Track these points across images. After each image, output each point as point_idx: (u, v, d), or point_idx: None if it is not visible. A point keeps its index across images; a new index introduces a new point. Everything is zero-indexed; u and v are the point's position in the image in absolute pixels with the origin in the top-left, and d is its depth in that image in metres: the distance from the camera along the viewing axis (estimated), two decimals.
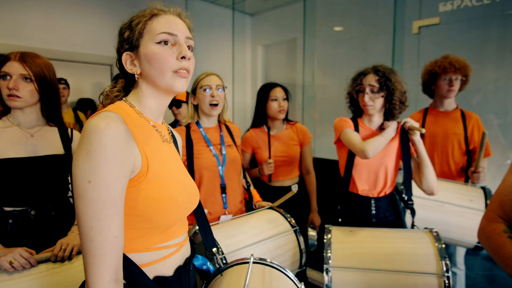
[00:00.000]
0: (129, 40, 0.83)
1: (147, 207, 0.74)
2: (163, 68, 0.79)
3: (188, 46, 0.84)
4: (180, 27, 0.83)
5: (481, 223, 0.95)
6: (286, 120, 2.19)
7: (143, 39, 0.81)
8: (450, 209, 1.69)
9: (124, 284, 0.74)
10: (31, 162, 1.28)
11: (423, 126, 2.11)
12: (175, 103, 2.52)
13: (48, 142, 1.35)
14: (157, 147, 0.82)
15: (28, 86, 1.26)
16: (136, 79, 0.84)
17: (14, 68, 1.24)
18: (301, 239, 1.47)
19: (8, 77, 1.24)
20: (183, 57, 0.81)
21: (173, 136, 0.99)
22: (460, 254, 2.06)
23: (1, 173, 1.22)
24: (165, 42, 0.80)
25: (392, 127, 1.56)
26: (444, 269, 1.21)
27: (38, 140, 1.32)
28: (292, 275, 1.05)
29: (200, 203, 1.06)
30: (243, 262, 1.05)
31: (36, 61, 1.28)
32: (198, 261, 0.97)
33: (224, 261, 1.22)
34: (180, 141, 1.06)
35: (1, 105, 1.31)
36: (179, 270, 0.83)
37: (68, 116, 2.94)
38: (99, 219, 0.66)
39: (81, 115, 3.08)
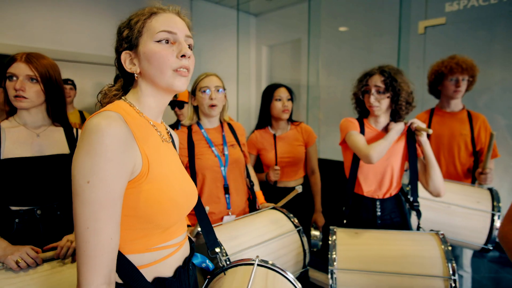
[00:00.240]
0: (128, 39, 0.82)
1: (148, 207, 0.74)
2: (163, 67, 0.78)
3: (187, 45, 0.83)
4: (179, 25, 0.82)
5: (501, 223, 0.96)
6: (291, 120, 2.19)
7: (142, 38, 0.80)
8: (457, 211, 1.67)
9: (121, 284, 0.74)
10: (37, 161, 1.29)
11: (429, 126, 2.09)
12: (178, 104, 2.52)
13: (53, 142, 1.36)
14: (156, 147, 0.82)
15: (34, 86, 1.27)
16: (136, 78, 0.83)
17: (20, 69, 1.25)
18: (305, 239, 1.46)
19: (15, 78, 1.25)
20: (183, 56, 0.80)
21: (170, 135, 0.98)
22: (467, 256, 2.04)
23: (8, 172, 1.23)
24: (165, 41, 0.79)
25: (395, 130, 1.55)
26: (451, 272, 1.20)
27: (44, 140, 1.34)
28: (296, 282, 1.04)
29: (201, 202, 1.06)
30: (247, 263, 1.05)
31: (42, 62, 1.29)
32: (197, 259, 0.97)
33: (228, 262, 1.22)
34: (178, 141, 1.06)
35: (8, 106, 1.32)
36: (178, 270, 0.83)
37: (74, 116, 2.96)
38: (96, 220, 0.65)
39: (87, 115, 3.10)
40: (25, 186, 1.26)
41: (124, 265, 0.74)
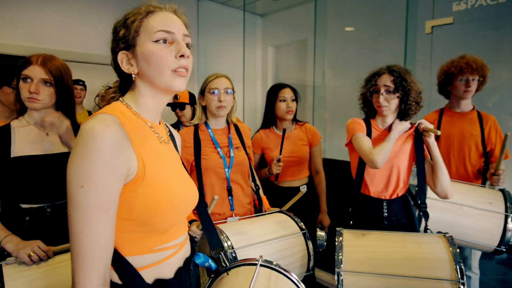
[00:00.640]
0: (124, 39, 0.80)
1: (145, 211, 0.73)
2: (161, 68, 0.77)
3: (185, 44, 0.81)
4: (177, 24, 0.81)
5: None
6: (295, 120, 2.19)
7: (139, 38, 0.78)
8: (469, 212, 1.65)
9: (120, 285, 0.74)
10: (47, 159, 1.32)
11: (438, 127, 2.08)
12: (179, 105, 2.53)
13: None
14: (154, 148, 0.81)
15: (48, 90, 1.30)
16: (133, 79, 0.81)
17: (36, 72, 1.27)
18: (310, 243, 1.45)
19: (29, 80, 1.28)
20: (182, 56, 0.78)
21: (172, 135, 0.97)
22: (476, 257, 2.02)
23: (18, 170, 1.26)
24: (163, 41, 0.78)
25: (398, 129, 1.53)
26: (459, 276, 1.18)
27: (53, 138, 1.36)
28: (300, 283, 1.04)
29: (203, 202, 1.06)
30: (251, 263, 1.05)
31: (57, 66, 1.32)
32: (200, 259, 0.97)
33: (234, 255, 1.22)
34: (179, 141, 1.05)
35: (19, 104, 1.34)
36: (179, 271, 0.83)
37: (82, 116, 2.99)
38: (90, 224, 0.65)
39: None
40: (35, 184, 1.29)
41: (123, 267, 0.74)
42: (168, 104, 2.65)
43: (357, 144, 1.55)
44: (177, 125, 2.64)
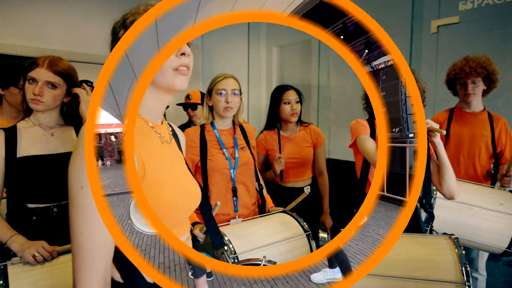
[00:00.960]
0: None
1: None
2: (162, 67, 0.76)
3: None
4: None
5: None
6: (300, 122, 2.18)
7: None
8: (479, 213, 1.63)
9: (122, 284, 0.74)
10: (52, 159, 1.33)
11: (448, 126, 2.07)
12: (190, 106, 2.55)
13: (67, 140, 1.40)
14: (155, 149, 0.80)
15: (52, 92, 1.32)
16: None
17: (42, 74, 1.29)
18: (314, 244, 1.44)
19: (34, 82, 1.29)
20: (182, 54, 0.77)
21: (175, 135, 0.97)
22: (483, 259, 2.01)
23: (24, 170, 1.27)
24: None
25: None
26: (465, 277, 1.17)
27: (58, 139, 1.38)
28: None
29: (207, 202, 1.06)
30: (254, 263, 1.05)
31: (63, 68, 1.34)
32: None
33: (236, 260, 1.22)
34: (184, 140, 1.04)
35: (25, 104, 1.36)
36: None
37: None
38: (90, 225, 0.65)
39: None
40: (41, 184, 1.30)
41: (125, 266, 0.74)
42: (180, 104, 2.66)
43: (362, 146, 1.54)
44: (189, 125, 2.65)
